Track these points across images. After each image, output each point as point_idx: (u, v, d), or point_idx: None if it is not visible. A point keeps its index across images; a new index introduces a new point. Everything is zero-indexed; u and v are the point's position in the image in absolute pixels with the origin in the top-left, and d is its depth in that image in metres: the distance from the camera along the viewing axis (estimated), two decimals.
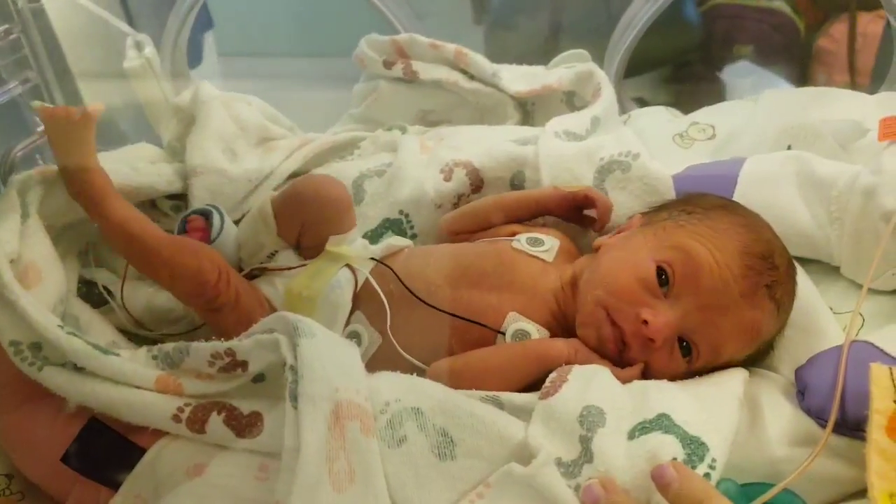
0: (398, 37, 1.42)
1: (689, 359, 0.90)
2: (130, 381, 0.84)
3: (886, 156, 1.02)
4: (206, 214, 1.11)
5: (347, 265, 1.02)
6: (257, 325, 0.86)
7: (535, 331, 0.95)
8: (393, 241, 1.08)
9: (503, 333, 0.95)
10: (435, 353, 0.95)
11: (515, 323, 0.95)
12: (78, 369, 0.85)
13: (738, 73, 2.03)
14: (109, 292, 1.10)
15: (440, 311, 0.96)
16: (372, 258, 1.03)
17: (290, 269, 1.06)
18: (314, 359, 0.78)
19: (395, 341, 0.95)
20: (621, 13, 1.60)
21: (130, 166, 1.16)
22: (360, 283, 1.01)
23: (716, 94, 2.00)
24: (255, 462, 0.81)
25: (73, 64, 1.52)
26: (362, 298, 1.00)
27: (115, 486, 0.84)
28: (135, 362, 0.86)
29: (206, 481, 0.81)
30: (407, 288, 0.98)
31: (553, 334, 0.96)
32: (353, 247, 1.05)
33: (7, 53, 1.36)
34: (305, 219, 1.08)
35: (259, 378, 0.85)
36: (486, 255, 1.04)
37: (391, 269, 1.01)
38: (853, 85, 1.88)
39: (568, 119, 1.26)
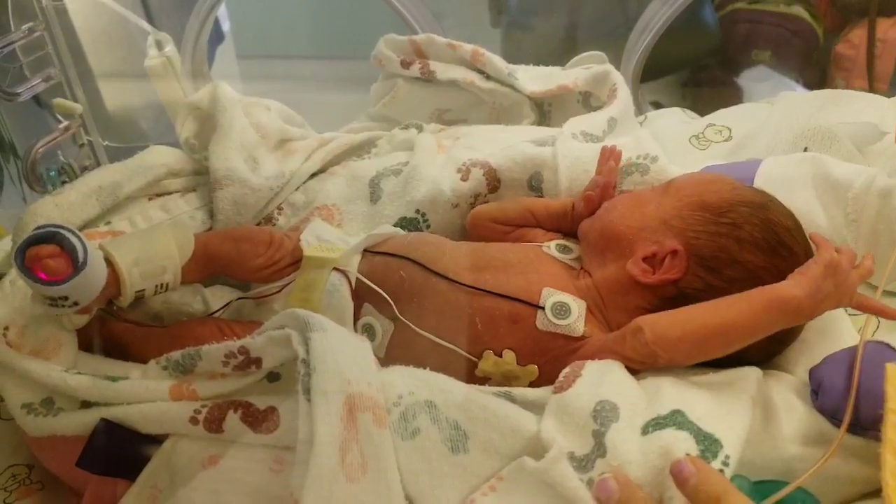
0: (416, 37, 1.43)
1: None
2: (144, 399, 0.85)
3: None
4: (55, 239, 0.88)
5: (335, 268, 1.01)
6: (269, 322, 0.87)
7: (573, 300, 0.95)
8: (379, 230, 1.09)
9: (542, 308, 0.94)
10: (459, 333, 0.95)
11: (552, 297, 0.95)
12: (91, 405, 0.86)
13: (756, 77, 2.04)
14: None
15: (470, 287, 0.96)
16: (366, 249, 1.04)
17: (278, 291, 1.05)
18: (326, 352, 0.79)
19: (408, 322, 0.95)
20: (638, 15, 1.60)
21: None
22: (353, 280, 1.01)
23: (733, 98, 2.01)
24: (270, 455, 0.81)
25: (95, 62, 1.54)
26: (366, 290, 1.00)
27: (131, 477, 0.84)
28: (146, 379, 0.87)
29: (221, 473, 0.82)
30: (425, 266, 0.99)
31: (588, 308, 0.95)
32: (328, 240, 1.06)
33: (30, 51, 1.38)
34: (251, 264, 1.06)
35: (274, 378, 0.86)
36: (510, 249, 1.04)
37: (403, 256, 1.01)
38: (872, 91, 1.87)
39: (585, 120, 1.26)
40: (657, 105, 1.80)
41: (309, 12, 2.62)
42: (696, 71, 2.10)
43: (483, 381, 0.93)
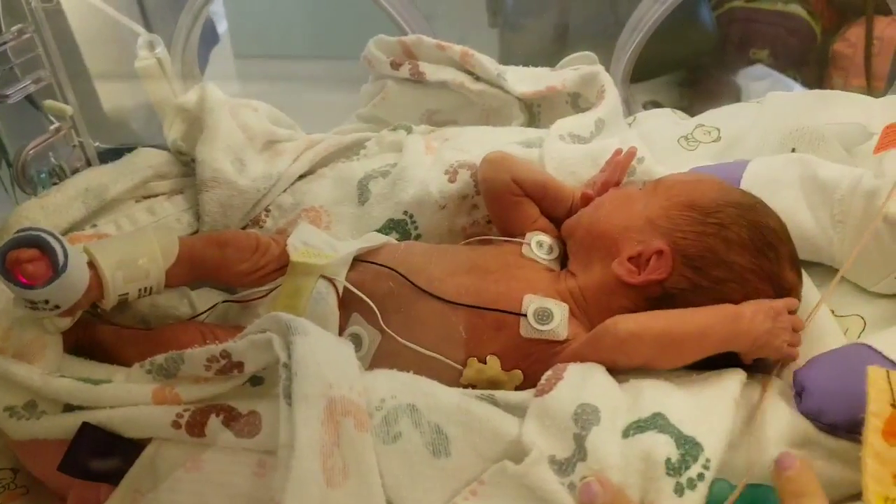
0: (405, 38, 1.42)
1: None
2: (126, 403, 0.84)
3: (889, 159, 1.02)
4: (35, 243, 0.88)
5: (322, 276, 1.01)
6: (251, 326, 0.87)
7: (555, 305, 0.95)
8: (369, 236, 1.09)
9: (524, 315, 0.94)
10: (445, 343, 0.95)
11: (534, 303, 0.95)
12: (74, 408, 0.86)
13: (754, 76, 2.03)
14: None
15: (455, 303, 0.96)
16: (356, 257, 1.03)
17: (264, 295, 1.05)
18: (308, 356, 0.78)
19: (394, 333, 0.95)
20: (628, 15, 1.60)
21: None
22: (341, 289, 1.00)
23: (731, 97, 2.00)
24: (253, 459, 0.81)
25: (87, 64, 1.54)
26: (354, 299, 1.00)
27: (114, 482, 0.84)
28: (129, 382, 0.87)
29: (204, 477, 0.81)
30: (411, 282, 0.98)
31: (571, 311, 0.95)
32: (315, 245, 1.06)
33: (21, 53, 1.38)
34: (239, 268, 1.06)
35: (257, 382, 0.86)
36: (491, 255, 1.04)
37: (391, 268, 1.01)
38: (869, 89, 1.88)
39: (572, 121, 1.26)
40: (655, 104, 1.80)
41: (306, 13, 2.63)
42: (693, 70, 2.09)
43: (468, 388, 0.93)
